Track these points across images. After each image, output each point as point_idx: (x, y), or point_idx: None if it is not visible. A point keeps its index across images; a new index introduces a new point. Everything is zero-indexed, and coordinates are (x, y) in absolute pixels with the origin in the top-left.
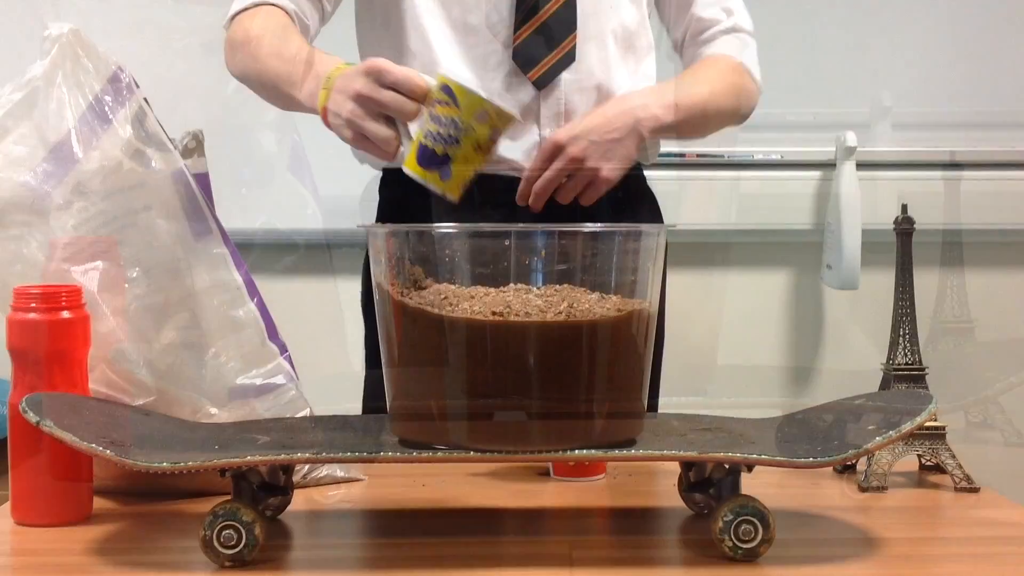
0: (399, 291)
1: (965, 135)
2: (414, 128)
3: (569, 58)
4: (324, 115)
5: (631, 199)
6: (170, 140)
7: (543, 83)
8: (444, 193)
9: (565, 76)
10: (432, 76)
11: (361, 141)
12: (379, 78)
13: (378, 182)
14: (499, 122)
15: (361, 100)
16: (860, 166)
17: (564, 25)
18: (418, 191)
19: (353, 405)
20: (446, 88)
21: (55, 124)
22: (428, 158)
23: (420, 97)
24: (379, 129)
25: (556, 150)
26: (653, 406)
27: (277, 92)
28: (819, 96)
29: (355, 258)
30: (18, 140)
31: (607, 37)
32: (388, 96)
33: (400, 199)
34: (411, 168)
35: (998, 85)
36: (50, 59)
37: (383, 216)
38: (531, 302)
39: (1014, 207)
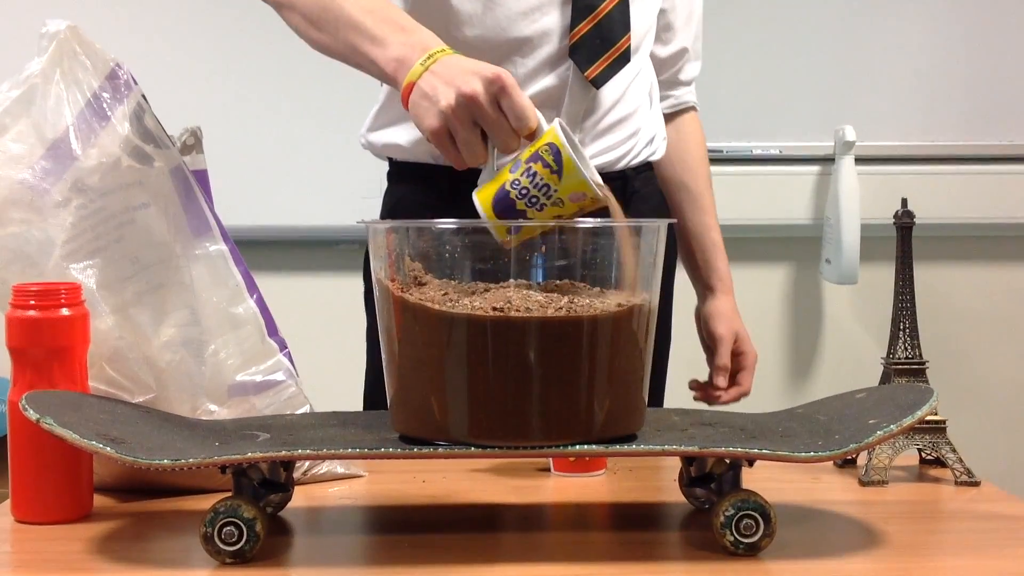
0: (399, 287)
1: (965, 129)
2: (496, 155)
3: (625, 58)
4: (408, 89)
5: (644, 196)
6: (168, 137)
7: (600, 82)
8: (502, 241)
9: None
10: (548, 118)
11: (443, 138)
12: (498, 95)
13: (385, 175)
14: (590, 206)
15: (470, 104)
16: (859, 160)
17: (619, 25)
18: (425, 186)
19: (353, 401)
20: (555, 151)
21: (53, 121)
22: (504, 205)
23: (527, 136)
24: (474, 141)
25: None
26: (659, 402)
27: (339, 35)
28: (813, 93)
29: (354, 255)
30: (16, 138)
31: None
32: (498, 120)
33: (407, 192)
34: (482, 203)
35: (998, 78)
36: (48, 56)
37: (389, 209)
38: (532, 298)
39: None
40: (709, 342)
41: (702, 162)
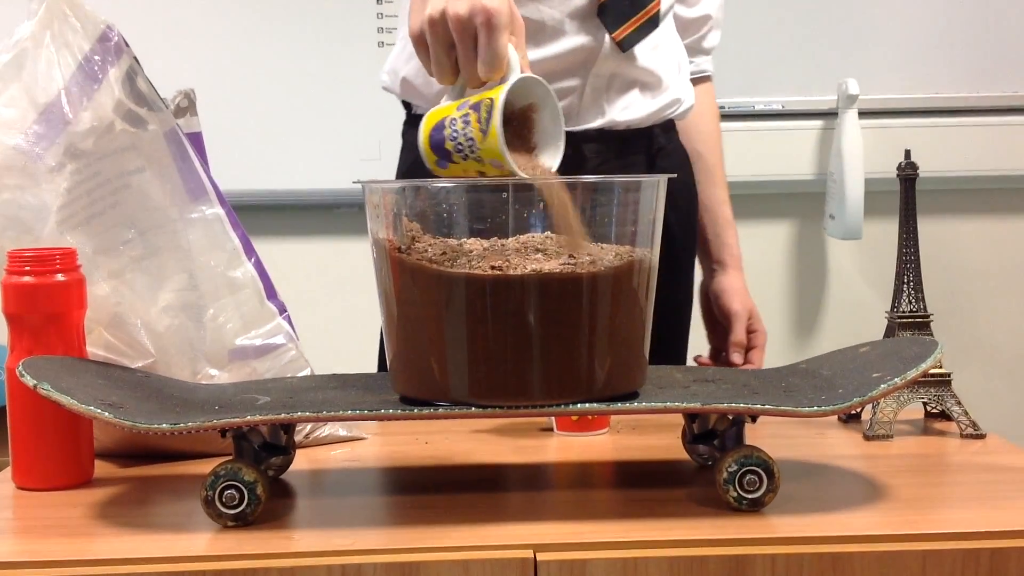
0: (397, 247)
1: (969, 80)
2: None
3: (653, 22)
4: None
5: (668, 152)
6: (162, 100)
7: (628, 45)
8: (433, 171)
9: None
10: (580, 76)
11: (417, 44)
12: (479, 29)
13: (402, 125)
14: (503, 175)
15: (452, 25)
16: (862, 114)
17: None
18: None
19: (353, 363)
20: (489, 111)
21: (45, 85)
22: (438, 139)
23: (490, 78)
24: (443, 61)
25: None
26: (682, 358)
27: None
28: (815, 47)
29: (353, 218)
30: (8, 103)
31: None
32: (469, 54)
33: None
34: (424, 124)
35: (1002, 28)
36: (37, 19)
37: (407, 157)
38: (530, 255)
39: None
40: (721, 319)
41: (717, 134)
